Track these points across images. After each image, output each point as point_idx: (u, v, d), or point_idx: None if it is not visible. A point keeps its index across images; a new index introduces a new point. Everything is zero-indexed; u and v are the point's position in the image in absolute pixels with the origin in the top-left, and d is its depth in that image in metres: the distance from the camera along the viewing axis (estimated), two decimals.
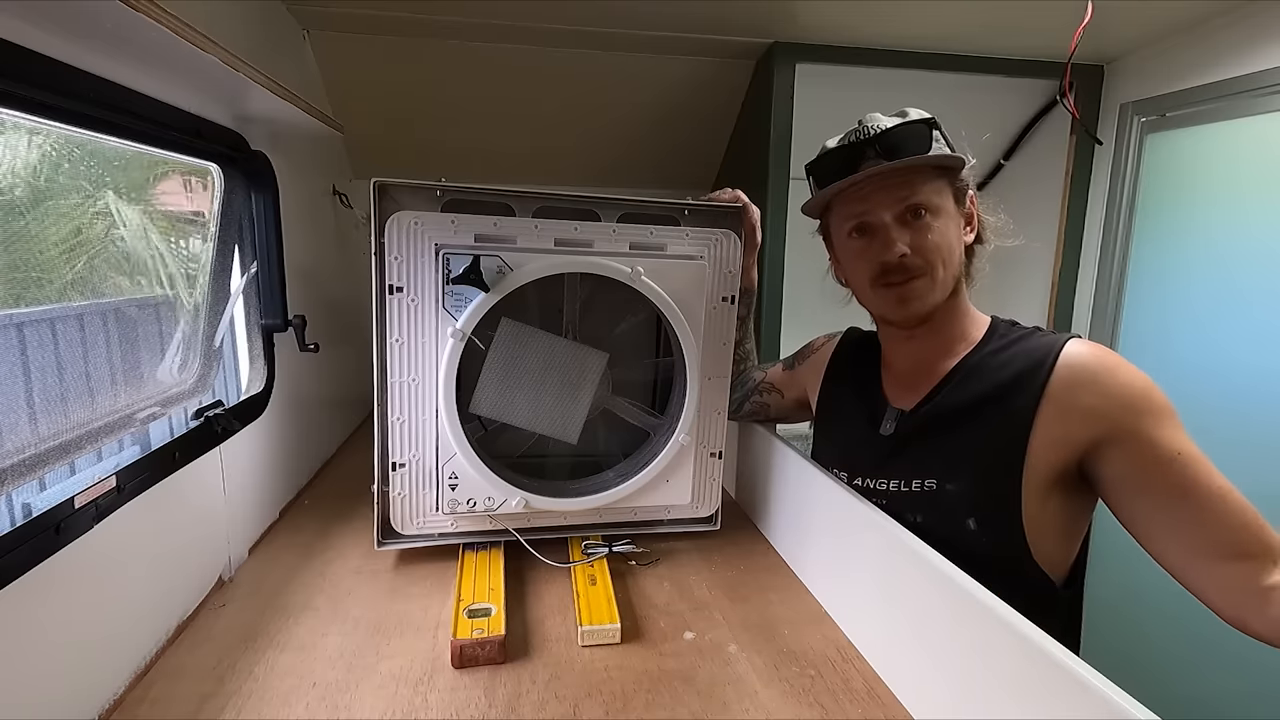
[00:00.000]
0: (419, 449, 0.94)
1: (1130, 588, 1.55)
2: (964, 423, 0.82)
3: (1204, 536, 0.68)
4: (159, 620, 0.80)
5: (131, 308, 0.96)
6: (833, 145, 0.87)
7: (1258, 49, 1.31)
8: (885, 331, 0.95)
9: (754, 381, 1.17)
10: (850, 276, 0.92)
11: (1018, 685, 0.57)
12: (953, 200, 0.84)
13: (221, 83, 0.85)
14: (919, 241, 0.82)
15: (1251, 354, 1.36)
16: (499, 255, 0.89)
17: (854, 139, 0.84)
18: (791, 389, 1.12)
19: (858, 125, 0.84)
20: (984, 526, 0.79)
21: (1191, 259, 1.49)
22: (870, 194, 0.83)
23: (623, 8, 1.31)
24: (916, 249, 0.82)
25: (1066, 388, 0.75)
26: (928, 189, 0.82)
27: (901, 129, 0.82)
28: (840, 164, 0.85)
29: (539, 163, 1.89)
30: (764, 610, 0.90)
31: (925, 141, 0.81)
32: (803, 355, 1.13)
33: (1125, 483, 0.73)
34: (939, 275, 0.83)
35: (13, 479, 0.62)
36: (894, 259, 0.82)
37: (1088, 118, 1.65)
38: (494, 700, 0.71)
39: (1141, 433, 0.71)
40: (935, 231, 0.82)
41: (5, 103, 0.60)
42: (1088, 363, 0.76)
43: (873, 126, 0.83)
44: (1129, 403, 0.73)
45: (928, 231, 0.82)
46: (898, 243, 0.82)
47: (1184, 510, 0.69)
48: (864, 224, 0.85)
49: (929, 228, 0.82)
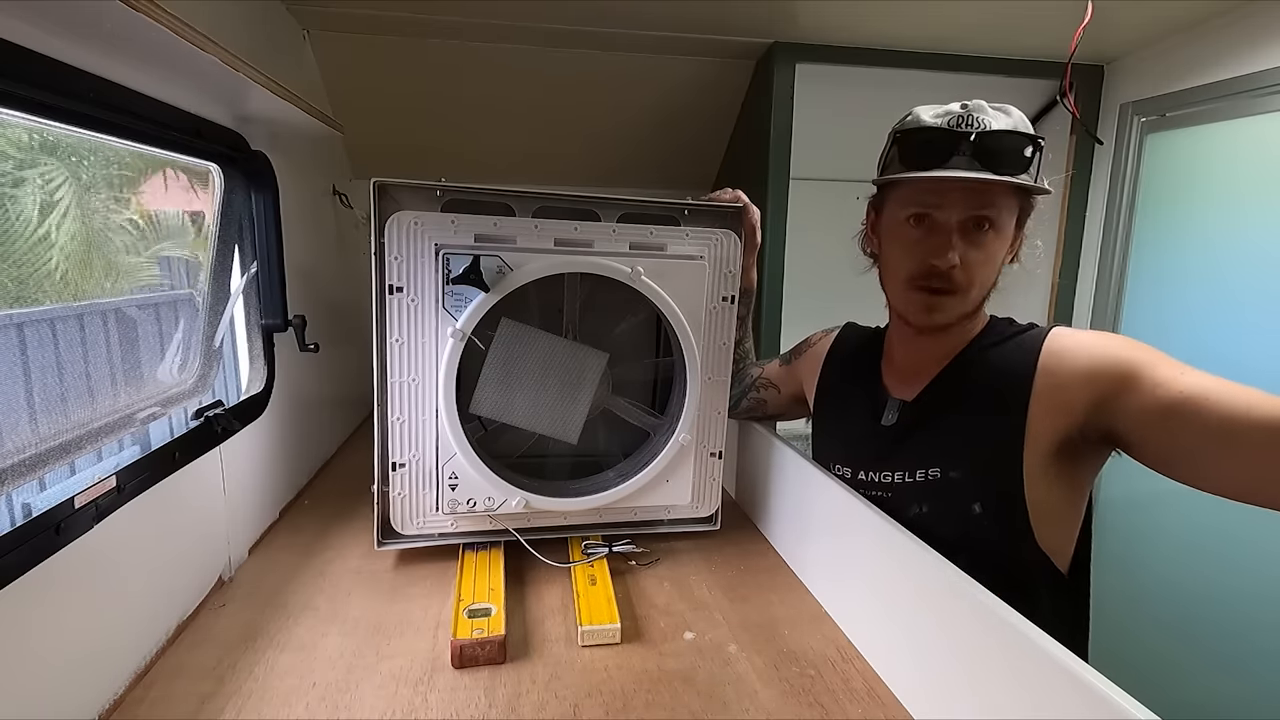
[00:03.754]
0: (419, 449, 0.94)
1: (1131, 588, 1.55)
2: (964, 409, 0.84)
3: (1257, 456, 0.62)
4: (159, 620, 0.80)
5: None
6: (928, 121, 0.81)
7: (1258, 49, 1.31)
8: (896, 325, 0.95)
9: (751, 378, 1.18)
10: (888, 260, 0.89)
11: (1018, 685, 0.57)
12: (1015, 222, 0.83)
13: (221, 83, 0.85)
14: (972, 256, 0.80)
15: (1251, 353, 1.36)
16: (499, 255, 0.89)
17: (953, 125, 0.78)
18: (788, 385, 1.12)
19: (961, 109, 0.79)
20: (989, 510, 0.80)
21: (1191, 259, 1.49)
22: (949, 191, 0.79)
23: (623, 8, 1.31)
24: (967, 263, 0.80)
25: (1057, 361, 0.78)
26: (1002, 206, 0.80)
27: (1009, 139, 0.77)
28: (931, 147, 0.80)
29: (539, 163, 1.89)
30: (764, 610, 0.90)
31: (1023, 158, 0.78)
32: (799, 351, 1.13)
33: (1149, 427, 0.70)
34: (974, 294, 0.82)
35: (12, 479, 0.62)
36: (944, 267, 0.79)
37: (1088, 118, 1.66)
38: (494, 700, 0.71)
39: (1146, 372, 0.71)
40: (990, 250, 0.81)
41: (5, 103, 0.60)
42: (1075, 335, 0.80)
43: (978, 120, 0.78)
44: (1119, 355, 0.74)
45: (986, 247, 0.80)
46: (954, 252, 0.79)
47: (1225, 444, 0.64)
48: (929, 217, 0.81)
49: (987, 245, 0.80)
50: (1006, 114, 0.80)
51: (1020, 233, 0.85)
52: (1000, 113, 0.79)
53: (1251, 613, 1.35)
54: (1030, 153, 0.78)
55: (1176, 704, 1.46)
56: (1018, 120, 0.79)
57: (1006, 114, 0.80)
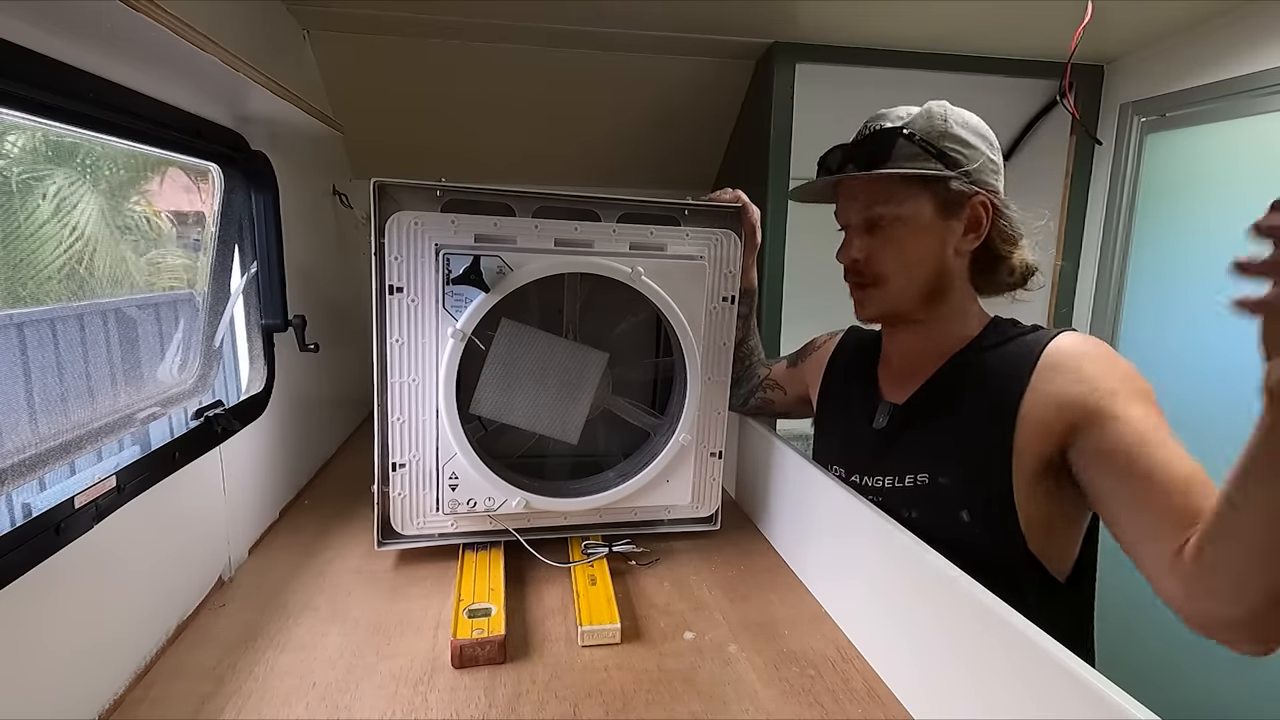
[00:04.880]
0: (419, 449, 0.94)
1: (1131, 588, 1.55)
2: (953, 415, 0.82)
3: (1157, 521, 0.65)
4: (159, 620, 0.80)
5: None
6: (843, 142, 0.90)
7: (1257, 49, 1.31)
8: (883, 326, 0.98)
9: (759, 377, 1.19)
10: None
11: (1018, 685, 0.57)
12: (933, 209, 0.82)
13: (221, 83, 0.85)
14: (876, 251, 0.86)
15: (1251, 353, 1.35)
16: (499, 255, 0.89)
17: (856, 137, 0.88)
18: (794, 386, 1.13)
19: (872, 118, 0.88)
20: (977, 518, 0.79)
21: (1191, 259, 1.49)
22: (842, 199, 0.91)
23: (623, 8, 1.31)
24: (870, 258, 0.86)
25: (1049, 376, 0.75)
26: (892, 201, 0.83)
27: (870, 139, 0.85)
28: (833, 162, 0.90)
29: (539, 163, 1.89)
30: (764, 610, 0.90)
31: (886, 150, 0.83)
32: (805, 353, 1.14)
33: (1091, 462, 0.71)
34: (893, 286, 0.86)
35: (13, 479, 0.62)
36: (845, 263, 0.90)
37: (1088, 118, 1.65)
38: (494, 700, 0.71)
39: (1109, 411, 0.70)
40: (893, 243, 0.85)
41: (5, 103, 0.59)
42: (1071, 351, 0.76)
43: (869, 128, 0.87)
44: (1102, 384, 0.72)
45: (888, 242, 0.85)
46: (851, 249, 0.88)
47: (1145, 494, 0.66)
48: (845, 225, 0.91)
49: (886, 240, 0.85)
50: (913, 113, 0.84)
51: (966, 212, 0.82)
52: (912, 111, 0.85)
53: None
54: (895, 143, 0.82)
55: (1177, 703, 1.46)
56: (919, 115, 0.83)
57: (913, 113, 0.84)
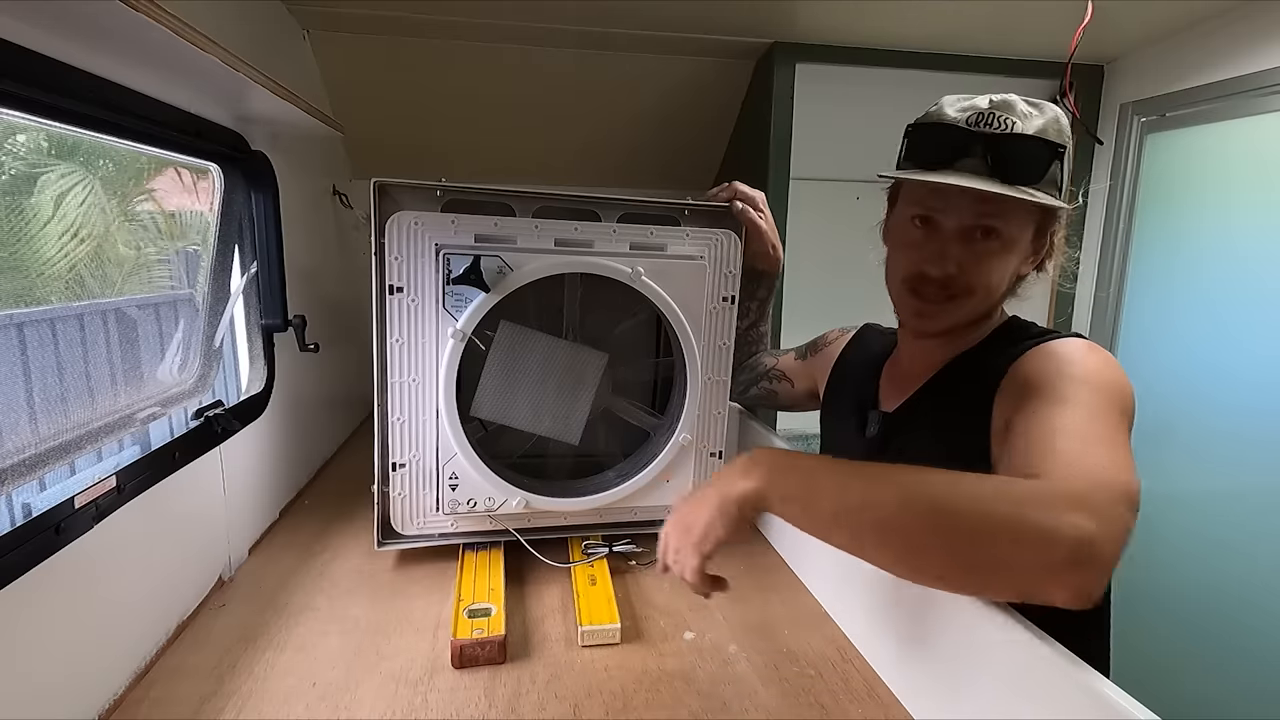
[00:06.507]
0: (419, 449, 0.94)
1: (1131, 588, 1.55)
2: (936, 423, 0.80)
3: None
4: (159, 620, 0.80)
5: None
6: (948, 114, 0.74)
7: (1257, 49, 1.31)
8: (900, 325, 0.91)
9: (764, 367, 1.16)
10: (890, 257, 0.85)
11: (1017, 685, 0.57)
12: (1032, 235, 0.76)
13: (221, 83, 0.85)
14: (973, 264, 0.74)
15: (1252, 353, 1.36)
16: (499, 255, 0.89)
17: (972, 123, 0.72)
18: (802, 379, 1.11)
19: (987, 105, 0.72)
20: None
21: (1191, 259, 1.49)
22: (952, 194, 0.73)
23: (623, 8, 1.31)
24: (966, 270, 0.74)
25: (1028, 359, 0.70)
26: (1012, 216, 0.73)
27: (1026, 146, 0.70)
28: (939, 147, 0.73)
29: (539, 162, 1.89)
30: (764, 610, 0.90)
31: (1040, 169, 0.70)
32: (816, 346, 1.11)
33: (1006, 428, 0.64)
34: (974, 303, 0.77)
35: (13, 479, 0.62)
36: (937, 274, 0.75)
37: (1088, 118, 1.65)
38: (494, 700, 0.71)
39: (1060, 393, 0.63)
40: (996, 260, 0.74)
41: (5, 103, 0.60)
42: (1064, 345, 0.70)
43: (1000, 121, 0.71)
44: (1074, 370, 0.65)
45: (989, 258, 0.74)
46: (950, 260, 0.74)
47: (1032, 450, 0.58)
48: (931, 220, 0.76)
49: (992, 254, 0.74)
50: (1039, 114, 0.72)
51: (1045, 242, 0.78)
52: (1033, 111, 0.72)
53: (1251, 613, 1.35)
54: (1050, 163, 0.70)
55: (1177, 703, 1.46)
56: (1049, 123, 0.72)
57: (1039, 114, 0.72)
